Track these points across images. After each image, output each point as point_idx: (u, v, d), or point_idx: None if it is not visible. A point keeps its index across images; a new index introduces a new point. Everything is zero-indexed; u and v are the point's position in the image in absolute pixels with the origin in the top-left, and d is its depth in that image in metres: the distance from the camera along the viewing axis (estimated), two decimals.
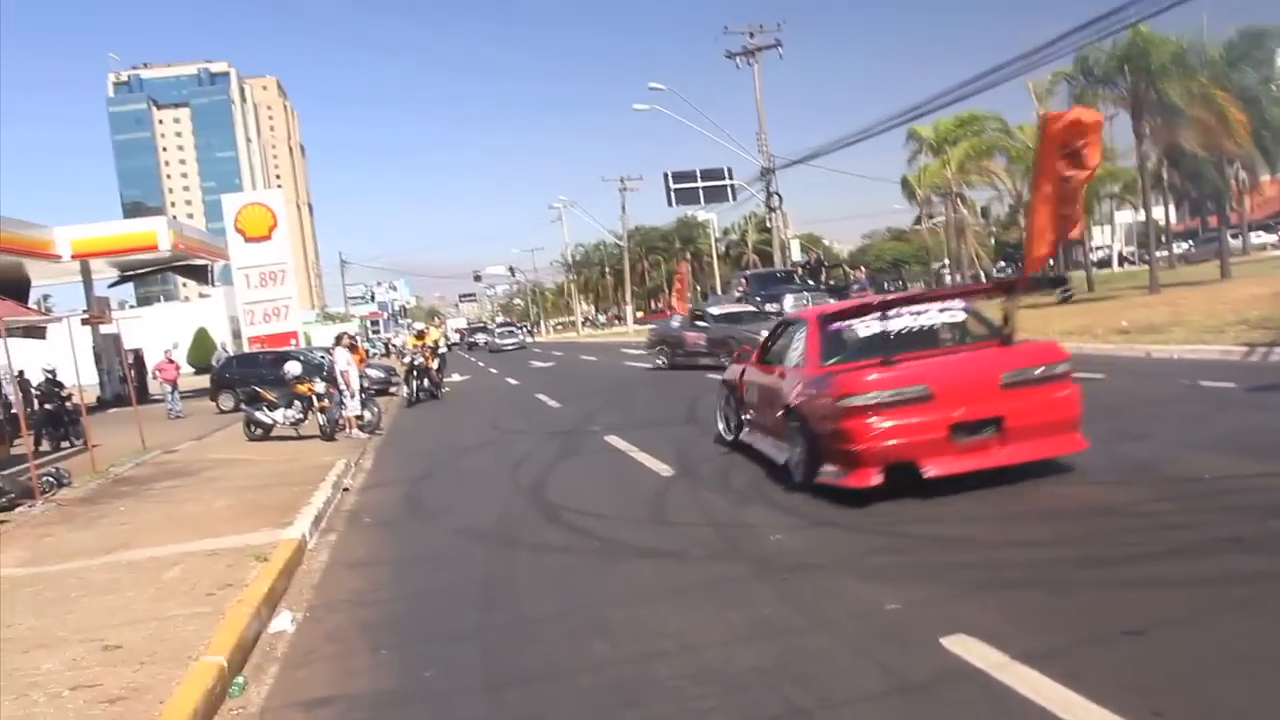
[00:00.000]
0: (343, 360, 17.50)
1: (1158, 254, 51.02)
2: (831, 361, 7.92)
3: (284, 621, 6.33)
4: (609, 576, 6.38)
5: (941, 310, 8.29)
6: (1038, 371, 7.24)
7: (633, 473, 9.97)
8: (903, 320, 8.08)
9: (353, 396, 17.14)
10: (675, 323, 25.85)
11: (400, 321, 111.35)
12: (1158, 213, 62.31)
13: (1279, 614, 4.37)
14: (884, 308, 8.13)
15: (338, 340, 18.87)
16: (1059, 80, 38.47)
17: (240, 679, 5.26)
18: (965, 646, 4.28)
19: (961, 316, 8.34)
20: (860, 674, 4.23)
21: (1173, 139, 31.20)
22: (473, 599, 6.27)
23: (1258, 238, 58.94)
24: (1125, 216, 68.62)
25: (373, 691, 4.85)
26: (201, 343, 58.95)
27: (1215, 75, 30.47)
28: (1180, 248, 57.40)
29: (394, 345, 56.66)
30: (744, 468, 9.32)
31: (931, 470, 6.99)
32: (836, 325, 8.29)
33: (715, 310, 25.16)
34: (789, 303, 28.94)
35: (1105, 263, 68.39)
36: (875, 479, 7.06)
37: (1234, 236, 50.90)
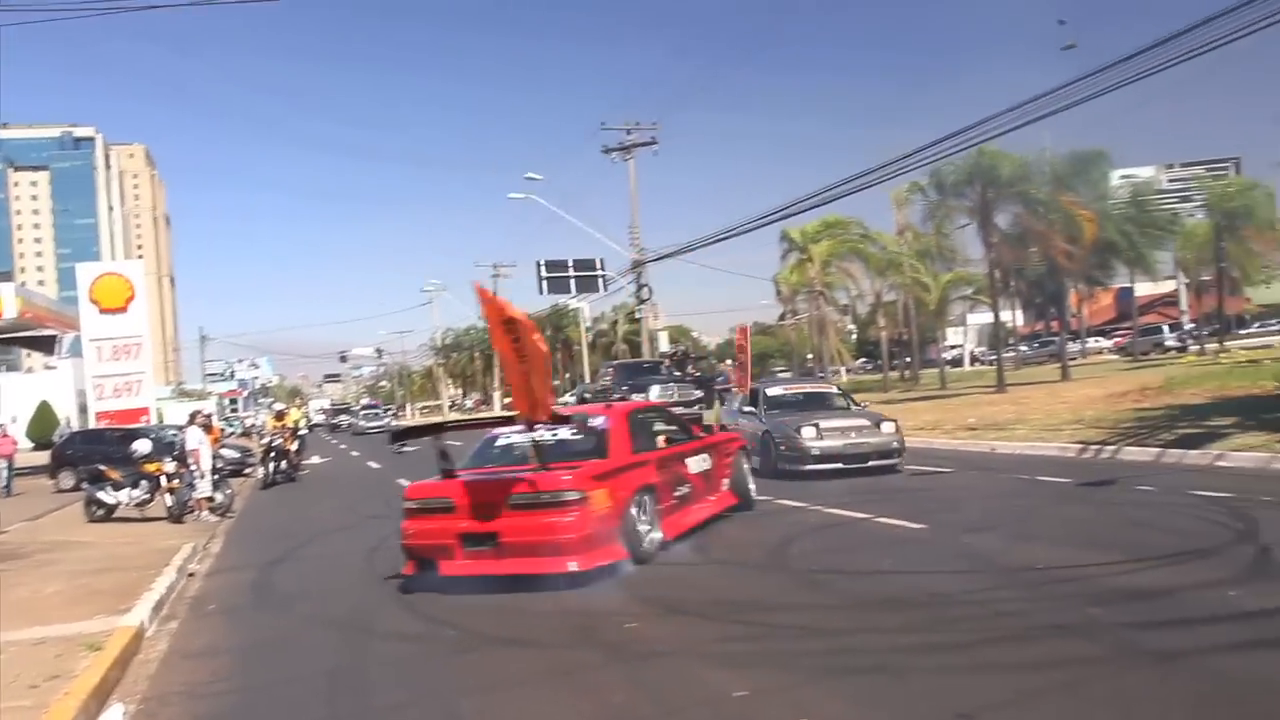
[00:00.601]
0: (194, 439, 16.71)
1: (1006, 354, 53.86)
2: (459, 467, 9.35)
3: (115, 715, 5.99)
4: (462, 665, 6.28)
5: (531, 430, 8.93)
6: (543, 497, 8.04)
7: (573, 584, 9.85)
8: (514, 437, 9.63)
9: (203, 477, 16.41)
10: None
11: (260, 400, 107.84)
12: (1006, 315, 66.07)
13: (1095, 695, 4.62)
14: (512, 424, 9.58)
15: (191, 418, 18.15)
16: (915, 190, 40.74)
17: None
18: None
19: (549, 437, 9.17)
20: None
21: (1015, 248, 33.21)
22: (319, 689, 6.07)
23: (1094, 342, 62.84)
24: (978, 317, 72.20)
25: None
26: (43, 416, 55.58)
27: (1056, 190, 32.72)
28: (1021, 350, 60.75)
29: (254, 426, 54.79)
30: None
31: (443, 570, 8.36)
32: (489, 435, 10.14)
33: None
34: (655, 393, 29.26)
35: (958, 361, 71.67)
36: (412, 569, 8.63)
37: (1072, 340, 54.23)
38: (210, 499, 16.50)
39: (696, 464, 10.39)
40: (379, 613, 7.99)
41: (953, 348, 78.01)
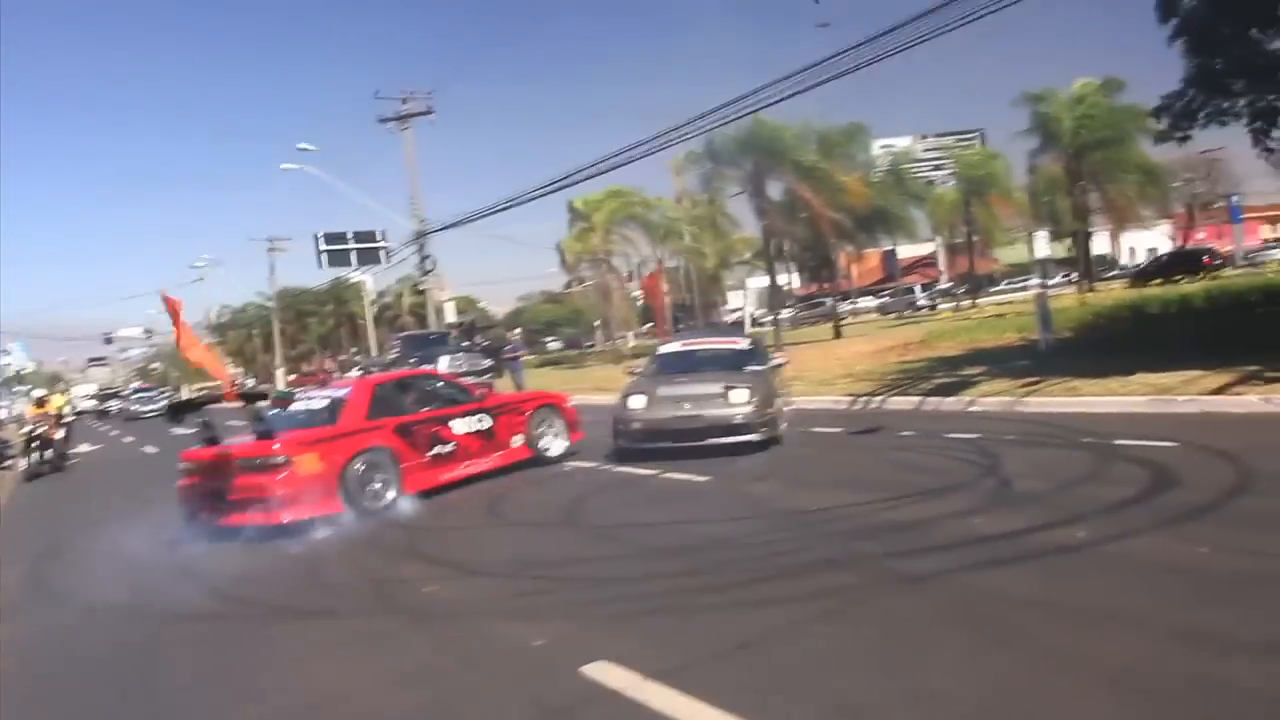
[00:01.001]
0: None
1: (782, 315, 56.35)
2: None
3: None
4: (259, 640, 6.23)
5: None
6: (256, 461, 9.56)
7: (287, 538, 9.67)
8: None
9: None
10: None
11: (15, 390, 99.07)
12: (784, 279, 69.08)
13: (858, 617, 5.15)
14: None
15: None
16: (693, 158, 41.94)
17: None
18: (604, 672, 4.67)
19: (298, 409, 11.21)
20: (509, 706, 4.50)
21: (786, 215, 34.87)
22: (109, 676, 5.88)
23: (864, 302, 66.78)
24: (757, 281, 75.08)
25: None
26: None
27: (823, 161, 34.48)
28: (799, 312, 63.94)
29: (7, 418, 50.41)
30: (402, 524, 9.39)
31: (199, 520, 10.05)
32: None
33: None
34: (444, 364, 29.12)
35: (740, 324, 74.38)
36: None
37: (843, 301, 57.50)
38: None
39: (465, 425, 11.40)
40: (172, 595, 7.71)
41: (734, 311, 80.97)
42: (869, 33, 17.21)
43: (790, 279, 70.70)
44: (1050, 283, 42.13)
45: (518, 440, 12.04)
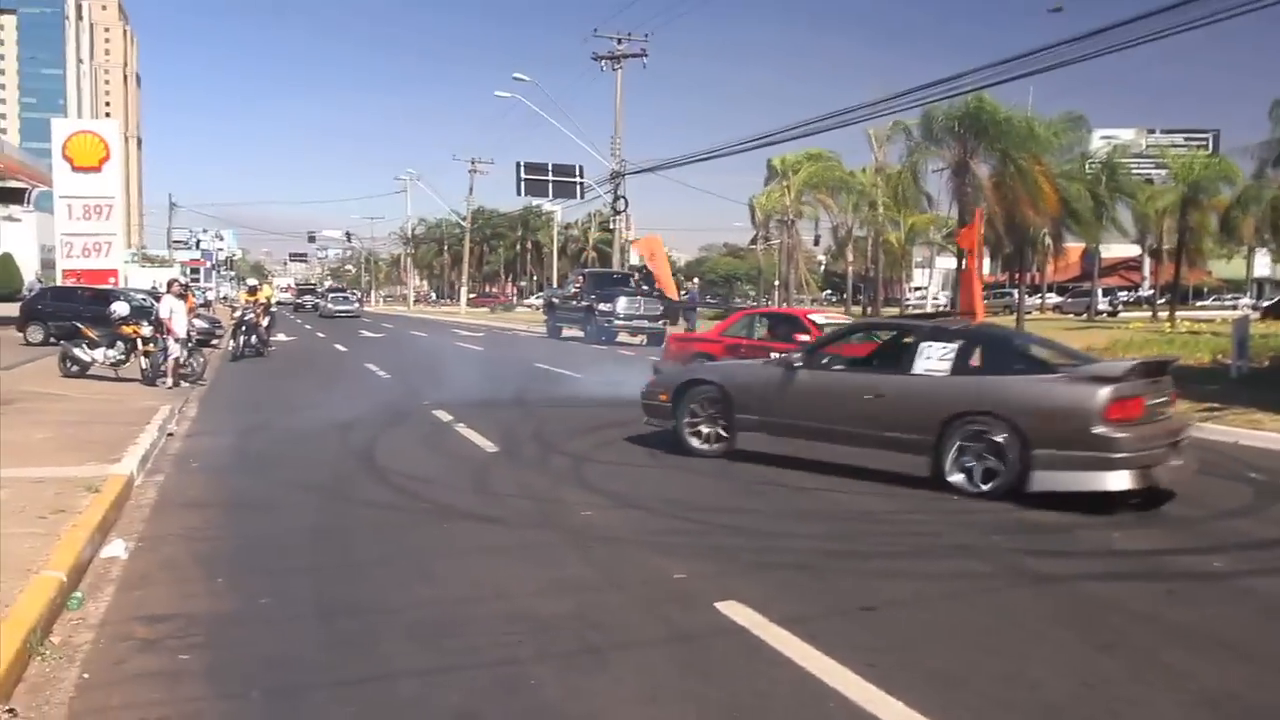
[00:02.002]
0: (167, 307, 16.88)
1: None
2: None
3: (117, 549, 6.64)
4: (433, 533, 7.04)
5: None
6: None
7: (459, 446, 10.59)
8: None
9: (177, 343, 16.63)
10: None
11: (224, 273, 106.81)
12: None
13: (981, 605, 5.45)
14: None
15: (168, 286, 18.42)
16: (898, 130, 41.16)
17: (78, 594, 5.62)
18: (735, 610, 5.17)
19: None
20: (646, 625, 5.06)
21: (995, 198, 33.88)
22: (305, 543, 6.79)
23: (1053, 299, 64.19)
24: (946, 261, 73.26)
25: (211, 612, 5.34)
26: (6, 268, 55.39)
27: (1031, 152, 33.23)
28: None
29: (220, 298, 54.61)
30: (564, 451, 10.11)
31: None
32: None
33: None
34: (621, 304, 30.04)
35: (921, 304, 72.82)
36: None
37: (1033, 294, 55.52)
38: (183, 365, 16.71)
39: None
40: (355, 484, 8.69)
41: (918, 289, 79.22)
42: (1106, 19, 16.65)
43: (982, 264, 68.69)
44: (1263, 303, 39.37)
45: None
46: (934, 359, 8.34)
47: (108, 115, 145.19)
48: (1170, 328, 34.01)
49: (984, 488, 7.84)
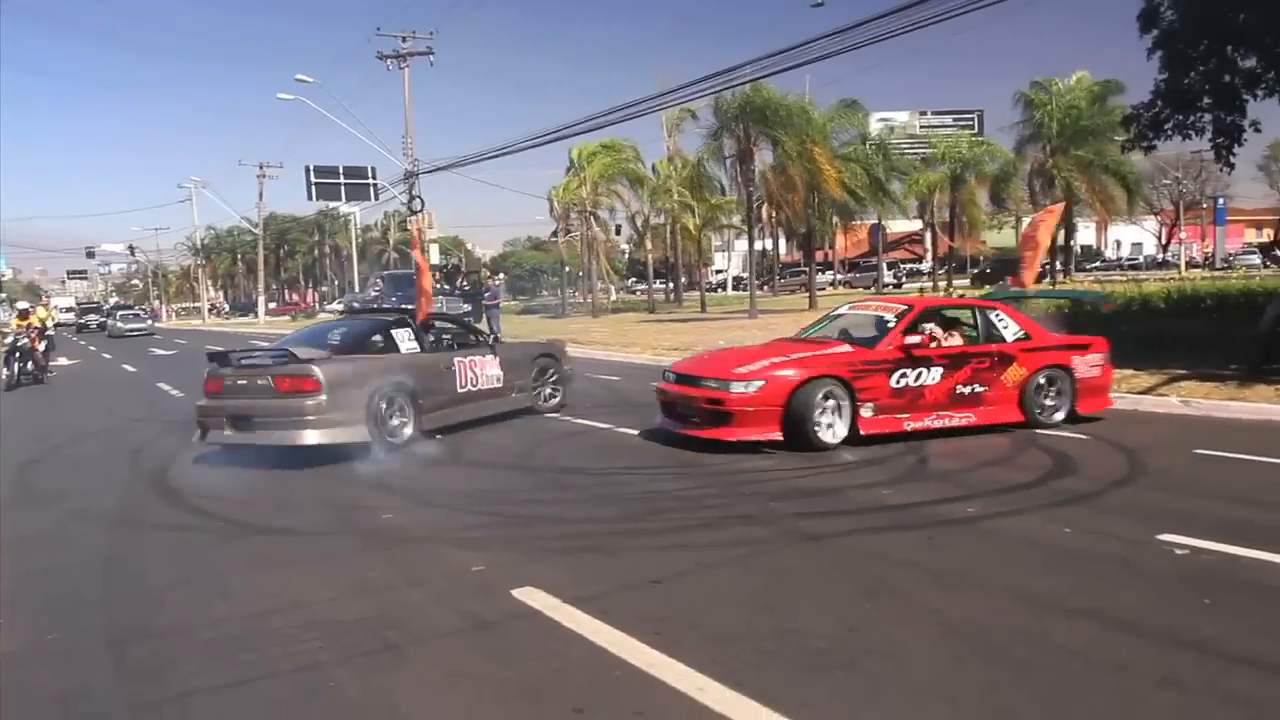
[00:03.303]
0: None
1: (767, 281, 57.08)
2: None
3: None
4: (230, 551, 6.94)
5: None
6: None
7: (255, 460, 10.37)
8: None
9: None
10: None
11: None
12: (770, 245, 69.72)
13: (760, 568, 5.89)
14: None
15: None
16: (685, 116, 42.33)
17: None
18: (530, 595, 5.41)
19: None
20: (445, 618, 5.23)
21: (777, 183, 35.38)
22: (95, 574, 6.56)
23: (848, 275, 67.51)
24: (744, 245, 75.72)
25: None
26: None
27: (809, 139, 34.86)
28: (779, 280, 64.74)
29: None
30: (371, 460, 10.09)
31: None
32: None
33: None
34: None
35: (722, 286, 75.16)
36: None
37: (825, 272, 58.30)
38: None
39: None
40: (146, 508, 8.43)
41: (719, 272, 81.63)
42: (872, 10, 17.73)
43: (777, 245, 71.43)
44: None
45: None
46: None
47: None
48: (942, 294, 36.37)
49: None
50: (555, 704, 4.09)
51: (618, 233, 62.60)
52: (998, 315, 10.61)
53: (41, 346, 22.76)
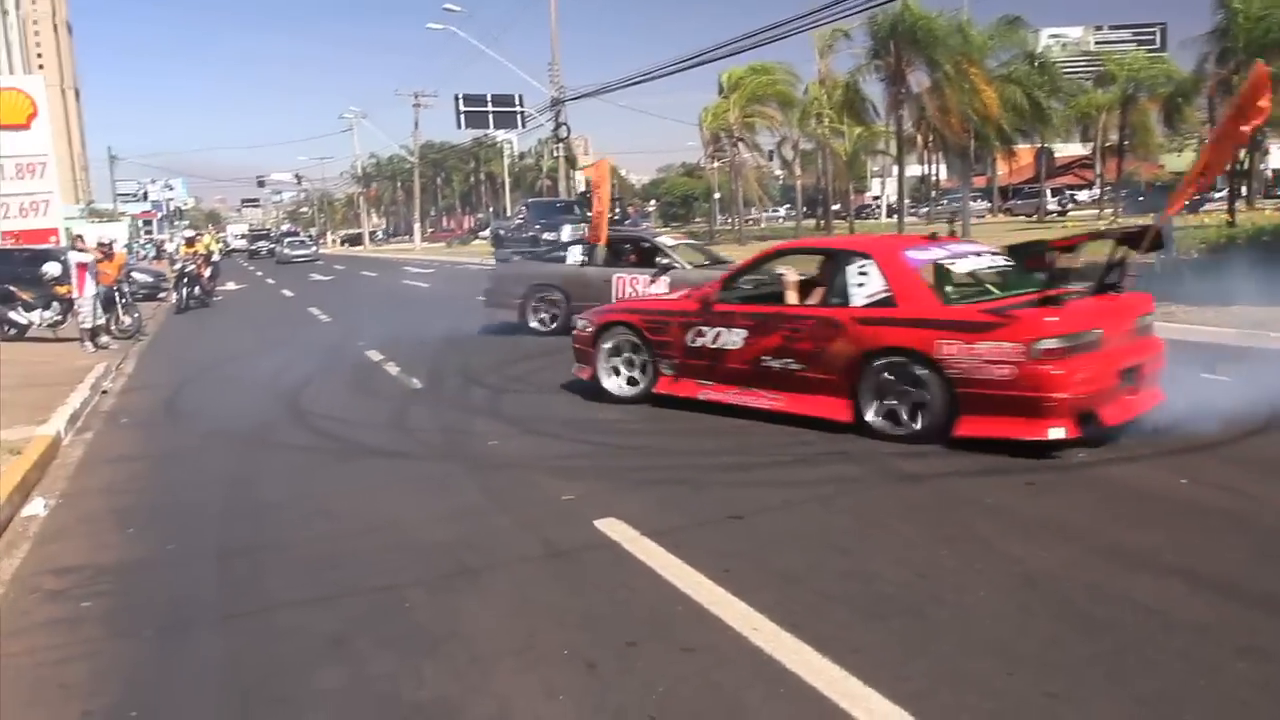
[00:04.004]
0: (74, 266, 16.05)
1: (923, 209, 55.26)
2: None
3: (36, 507, 6.88)
4: (341, 472, 7.34)
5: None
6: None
7: (384, 384, 10.84)
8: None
9: (85, 302, 15.64)
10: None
11: (176, 223, 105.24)
12: (931, 170, 67.14)
13: (844, 507, 5.82)
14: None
15: (71, 243, 17.83)
16: (837, 37, 40.95)
17: None
18: (611, 526, 5.50)
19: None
20: (525, 545, 5.38)
21: (933, 106, 33.93)
22: (219, 489, 7.05)
23: (1008, 203, 64.54)
24: (910, 170, 73.30)
25: (118, 561, 5.61)
26: None
27: (967, 60, 33.15)
28: (937, 205, 62.39)
29: (165, 250, 53.86)
30: (485, 384, 10.38)
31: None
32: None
33: None
34: (566, 232, 30.03)
35: (875, 212, 73.13)
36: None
37: (982, 198, 55.87)
38: (93, 330, 15.75)
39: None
40: (276, 429, 8.93)
41: (875, 199, 79.44)
42: None
43: (937, 170, 68.81)
44: (1213, 197, 39.61)
45: None
46: None
47: (40, 67, 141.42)
48: (1106, 224, 34.42)
49: None
50: (611, 635, 4.16)
51: (770, 159, 61.66)
52: (860, 267, 7.58)
53: (207, 272, 24.21)
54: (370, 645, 4.21)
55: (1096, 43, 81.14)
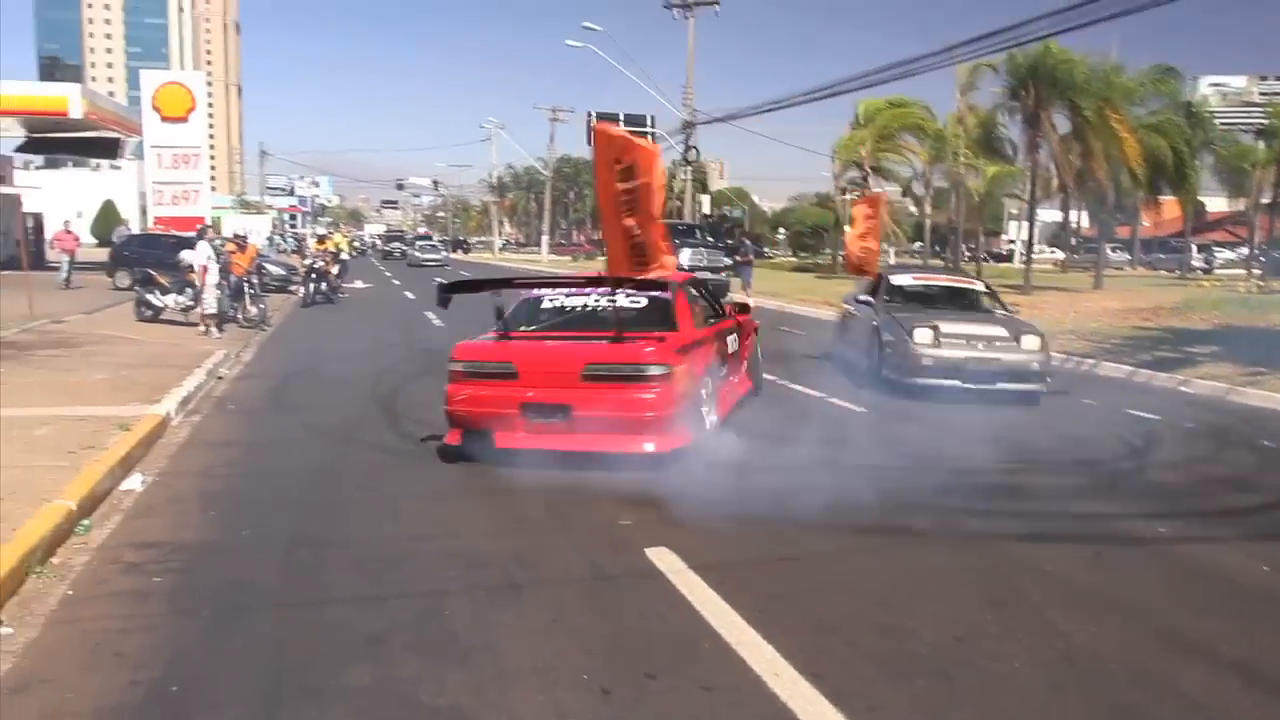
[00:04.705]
0: (201, 255, 16.94)
1: (1060, 255, 53.51)
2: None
3: (135, 482, 7.32)
4: (418, 475, 7.56)
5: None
6: (624, 369, 7.55)
7: None
8: (572, 300, 8.98)
9: (206, 293, 16.58)
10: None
11: (320, 219, 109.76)
12: (1073, 216, 64.95)
13: (898, 559, 5.75)
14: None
15: (199, 234, 18.55)
16: (982, 72, 40.11)
17: (87, 522, 6.26)
18: (660, 555, 5.55)
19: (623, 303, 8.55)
20: (574, 565, 5.48)
21: (1066, 152, 32.98)
22: (302, 480, 7.38)
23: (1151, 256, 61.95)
24: (1048, 214, 71.17)
25: (195, 541, 5.94)
26: (107, 215, 58.05)
27: (1108, 105, 32.07)
28: (1072, 255, 60.31)
29: (307, 244, 56.18)
30: None
31: (500, 442, 7.63)
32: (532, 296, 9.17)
33: None
34: (686, 256, 30.20)
35: (1008, 256, 71.14)
36: (457, 438, 7.80)
37: (1114, 250, 53.74)
38: (215, 315, 16.70)
39: (733, 343, 10.12)
40: (367, 427, 9.28)
41: (1010, 242, 77.30)
42: None
43: (1079, 217, 66.52)
44: None
45: (744, 366, 10.83)
46: None
47: (208, 64, 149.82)
48: (1245, 288, 32.77)
49: None
50: (633, 665, 4.22)
51: (905, 194, 60.73)
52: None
53: (335, 270, 25.15)
54: (404, 648, 4.36)
55: (1261, 93, 77.51)
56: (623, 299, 8.46)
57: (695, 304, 9.27)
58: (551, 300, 9.01)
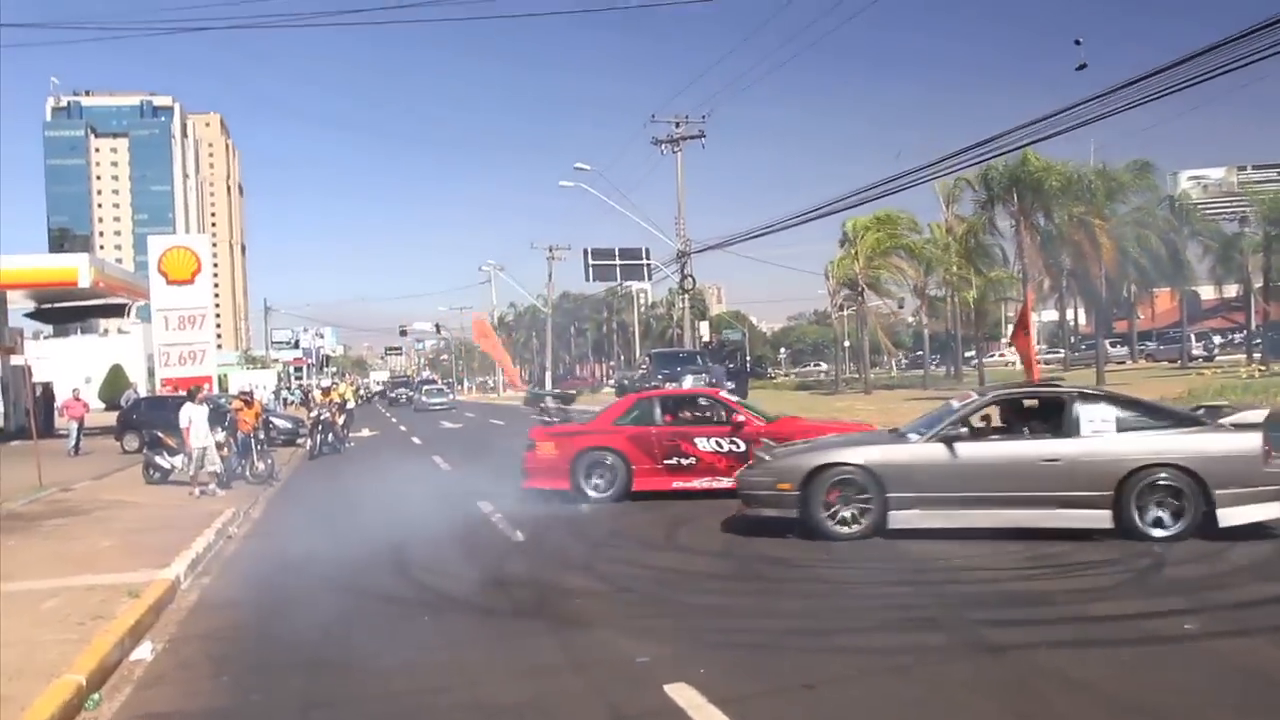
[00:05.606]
0: (184, 417, 16.21)
1: (1059, 353, 53.84)
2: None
3: (144, 651, 7.23)
4: (430, 626, 7.47)
5: None
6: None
7: (488, 537, 11.05)
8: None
9: (193, 454, 16.10)
10: None
11: (324, 369, 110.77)
12: (1070, 315, 65.59)
13: (921, 678, 5.62)
14: None
15: (190, 395, 17.35)
16: (961, 186, 41.09)
17: (96, 696, 6.17)
18: (679, 692, 5.44)
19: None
20: (590, 710, 5.38)
21: (1055, 254, 33.56)
22: (313, 639, 7.26)
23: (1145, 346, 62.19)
24: (1046, 315, 71.81)
25: (206, 708, 5.84)
26: (115, 379, 58.56)
27: (1089, 207, 32.75)
28: (1071, 352, 60.59)
29: (312, 396, 56.56)
30: (591, 539, 10.46)
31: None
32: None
33: None
34: (687, 382, 30.40)
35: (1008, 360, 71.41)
36: None
37: (1114, 345, 54.04)
38: (215, 474, 16.33)
39: (707, 444, 13.13)
40: (377, 579, 9.19)
41: (1010, 345, 77.80)
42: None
43: (1076, 315, 67.15)
44: None
45: None
46: None
47: (213, 226, 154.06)
48: (1247, 374, 32.78)
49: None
50: None
51: (900, 307, 61.51)
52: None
53: (341, 420, 25.27)
54: None
55: (1240, 183, 79.07)
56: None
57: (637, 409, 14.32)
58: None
